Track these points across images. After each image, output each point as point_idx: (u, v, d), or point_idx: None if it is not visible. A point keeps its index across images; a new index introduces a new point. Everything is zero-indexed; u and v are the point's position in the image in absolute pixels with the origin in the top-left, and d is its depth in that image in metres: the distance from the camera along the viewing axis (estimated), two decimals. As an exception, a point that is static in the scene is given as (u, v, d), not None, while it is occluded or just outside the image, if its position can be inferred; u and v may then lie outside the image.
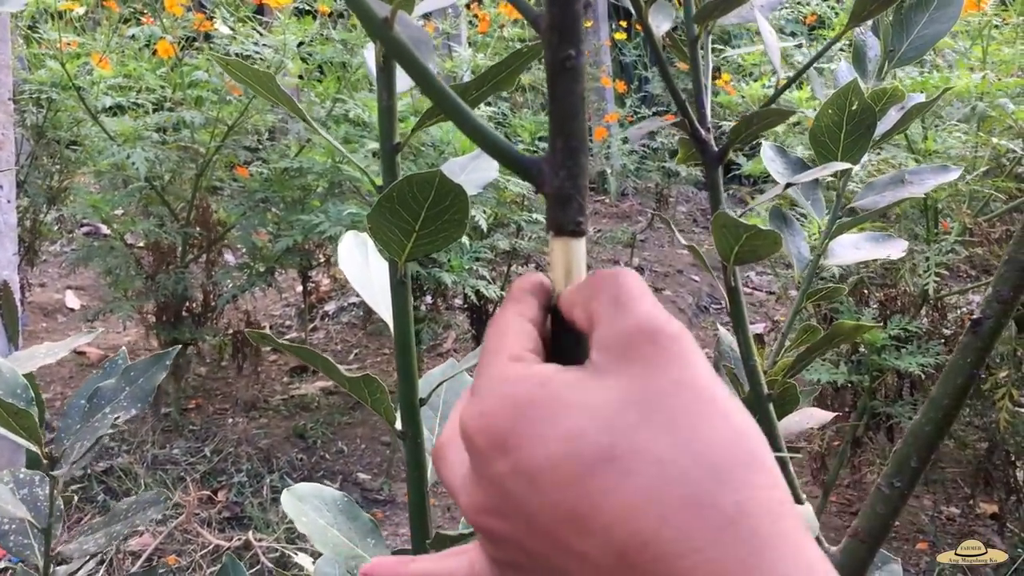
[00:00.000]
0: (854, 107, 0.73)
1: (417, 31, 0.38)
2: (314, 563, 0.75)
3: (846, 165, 0.70)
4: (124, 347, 0.86)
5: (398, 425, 0.64)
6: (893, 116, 0.78)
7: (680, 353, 0.30)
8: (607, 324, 0.32)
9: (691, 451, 0.28)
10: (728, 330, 0.81)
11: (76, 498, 2.14)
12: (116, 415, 0.74)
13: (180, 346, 1.09)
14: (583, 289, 0.34)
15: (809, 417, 0.77)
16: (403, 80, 0.63)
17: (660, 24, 0.68)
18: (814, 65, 0.78)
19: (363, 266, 0.68)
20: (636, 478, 0.27)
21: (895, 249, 0.77)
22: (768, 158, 0.79)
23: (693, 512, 0.27)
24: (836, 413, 0.94)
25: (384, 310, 0.65)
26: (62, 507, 0.75)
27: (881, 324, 2.05)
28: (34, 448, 0.70)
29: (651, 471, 0.27)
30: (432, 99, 0.36)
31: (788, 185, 0.67)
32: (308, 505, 0.65)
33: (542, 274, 0.37)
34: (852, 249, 0.81)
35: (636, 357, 0.30)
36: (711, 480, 0.27)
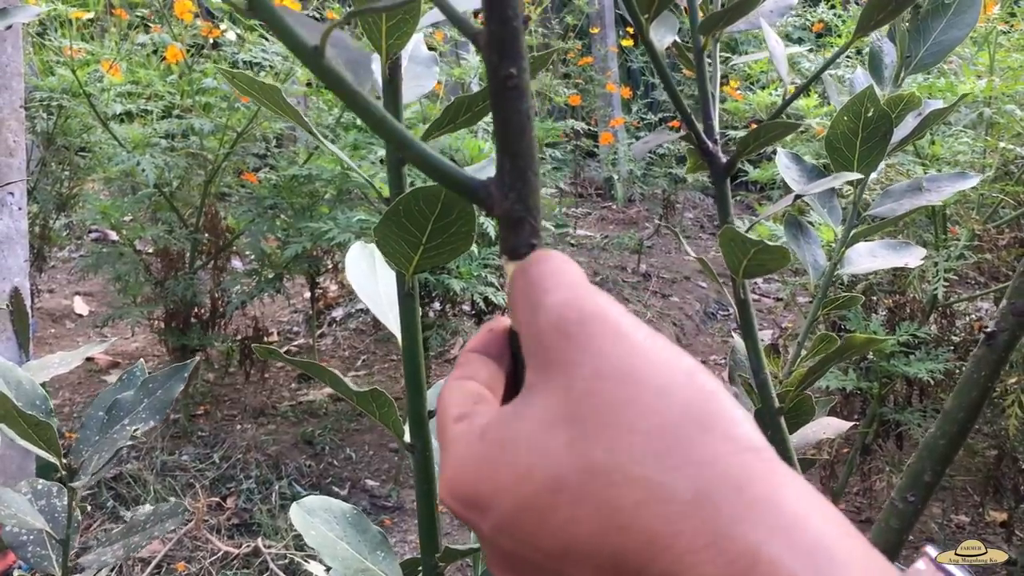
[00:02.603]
0: (870, 114, 0.72)
1: (355, 53, 0.35)
2: (327, 572, 0.74)
3: (859, 175, 0.69)
4: (141, 359, 0.86)
5: (407, 437, 0.63)
6: (910, 123, 0.77)
7: (592, 338, 0.28)
8: (525, 332, 0.30)
9: (629, 449, 0.25)
10: (740, 338, 0.80)
11: (89, 507, 2.14)
12: (135, 427, 0.74)
13: (197, 357, 1.09)
14: (508, 297, 0.32)
15: (826, 427, 0.76)
16: (410, 91, 0.63)
17: (663, 38, 0.68)
18: (826, 71, 0.77)
19: (370, 277, 0.68)
20: (589, 499, 0.26)
21: (912, 257, 0.76)
22: (783, 165, 0.78)
23: (651, 514, 0.24)
24: (852, 423, 0.93)
25: (392, 322, 0.64)
26: (79, 518, 0.75)
27: (890, 332, 2.04)
28: (53, 459, 0.70)
29: (598, 487, 0.25)
30: (371, 126, 0.34)
31: (798, 197, 0.66)
32: (317, 518, 0.64)
33: (492, 322, 0.35)
34: (868, 257, 0.80)
35: (552, 361, 0.28)
36: (659, 471, 0.25)
